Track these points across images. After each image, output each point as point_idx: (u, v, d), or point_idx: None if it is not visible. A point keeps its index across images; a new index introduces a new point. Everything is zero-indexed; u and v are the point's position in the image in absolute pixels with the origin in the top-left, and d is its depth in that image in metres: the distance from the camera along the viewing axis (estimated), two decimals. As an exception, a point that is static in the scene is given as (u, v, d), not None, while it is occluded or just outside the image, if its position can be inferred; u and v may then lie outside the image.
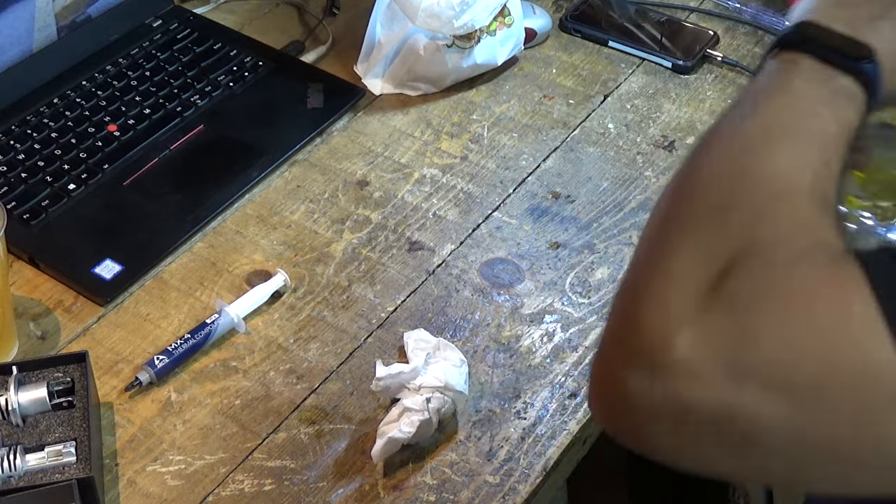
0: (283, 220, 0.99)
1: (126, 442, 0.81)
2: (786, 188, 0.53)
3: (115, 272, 0.92)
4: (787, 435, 0.48)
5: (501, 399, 0.84)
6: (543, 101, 1.13)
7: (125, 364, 0.86)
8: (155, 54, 1.13)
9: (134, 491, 0.78)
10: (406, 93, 1.12)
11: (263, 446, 0.81)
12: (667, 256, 0.52)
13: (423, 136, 1.08)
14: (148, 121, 1.06)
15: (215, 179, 1.01)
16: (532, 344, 0.89)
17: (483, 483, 0.79)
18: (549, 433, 0.82)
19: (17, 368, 0.80)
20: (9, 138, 1.03)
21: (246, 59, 1.14)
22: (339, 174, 1.04)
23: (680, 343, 0.48)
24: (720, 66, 1.17)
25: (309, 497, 0.78)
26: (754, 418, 0.48)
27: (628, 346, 0.51)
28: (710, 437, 0.49)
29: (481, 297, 0.92)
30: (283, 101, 1.10)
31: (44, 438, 0.77)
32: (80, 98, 1.08)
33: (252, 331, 0.89)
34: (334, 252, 0.96)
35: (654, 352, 0.49)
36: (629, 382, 0.50)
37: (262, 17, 1.25)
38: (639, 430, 0.52)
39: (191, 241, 0.96)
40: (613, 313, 0.54)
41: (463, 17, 1.05)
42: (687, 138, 1.08)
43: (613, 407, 0.53)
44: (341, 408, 0.84)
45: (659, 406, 0.49)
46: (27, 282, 0.93)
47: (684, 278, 0.51)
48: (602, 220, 0.99)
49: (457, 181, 1.03)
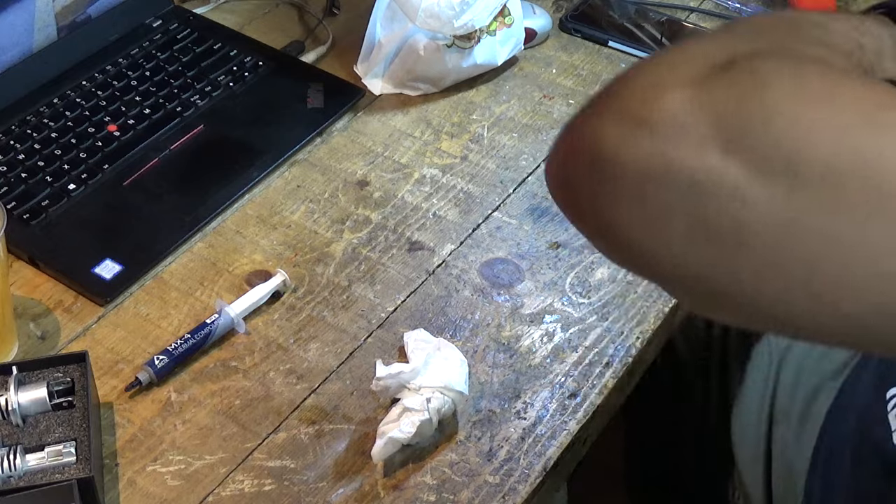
0: (283, 220, 0.99)
1: (126, 442, 0.81)
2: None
3: (115, 272, 0.92)
4: (774, 220, 0.42)
5: (501, 399, 0.84)
6: (543, 101, 1.13)
7: (125, 364, 0.86)
8: (155, 54, 1.13)
9: (134, 491, 0.78)
10: (406, 93, 1.12)
11: (263, 446, 0.81)
12: (691, 43, 0.47)
13: (423, 136, 1.08)
14: (148, 121, 1.06)
15: (215, 179, 1.01)
16: (532, 344, 0.89)
17: (483, 483, 0.79)
18: (549, 433, 0.82)
19: (17, 368, 0.80)
20: (9, 138, 1.03)
21: (246, 59, 1.14)
22: (339, 174, 1.04)
23: (676, 98, 0.43)
24: (720, 66, 1.17)
25: (309, 497, 0.78)
26: (742, 196, 0.42)
27: (614, 100, 0.45)
28: (682, 212, 0.43)
29: (481, 297, 0.92)
30: (283, 101, 1.10)
31: (44, 438, 0.77)
32: (80, 98, 1.08)
33: (252, 331, 0.89)
34: (334, 252, 0.96)
35: (643, 104, 0.43)
36: (605, 135, 0.44)
37: (262, 17, 1.25)
38: (600, 195, 0.45)
39: (191, 241, 0.96)
40: (610, 80, 0.48)
41: (463, 17, 1.05)
42: (687, 138, 1.08)
43: (578, 164, 0.45)
44: (341, 408, 0.84)
45: (633, 164, 0.43)
46: (27, 282, 0.93)
47: (699, 53, 0.45)
48: (602, 220, 0.99)
49: (457, 181, 1.03)
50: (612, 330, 0.90)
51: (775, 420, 1.03)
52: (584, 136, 0.45)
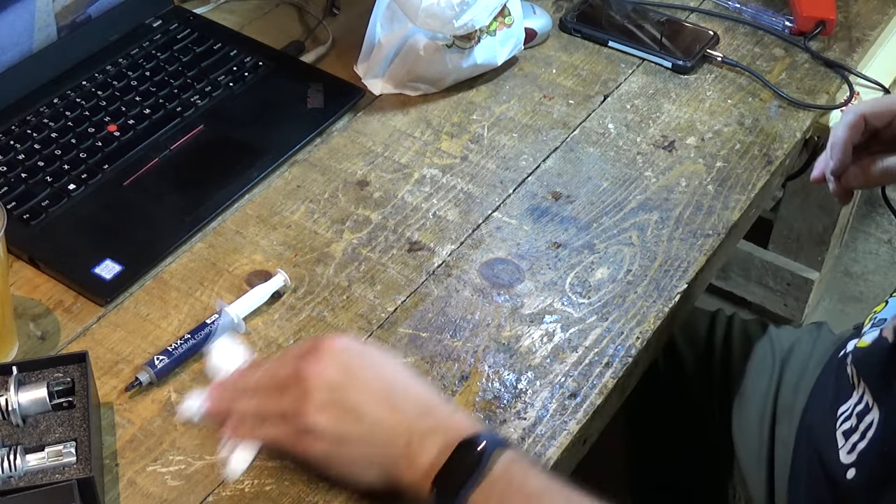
0: (283, 220, 0.99)
1: (126, 442, 0.81)
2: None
3: (115, 272, 0.92)
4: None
5: (501, 399, 0.84)
6: (543, 101, 1.13)
7: (125, 364, 0.86)
8: (155, 54, 1.13)
9: (134, 491, 0.78)
10: (406, 93, 1.12)
11: (263, 446, 0.81)
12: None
13: (423, 137, 1.08)
14: (148, 121, 1.06)
15: (215, 179, 1.01)
16: (532, 344, 0.89)
17: (483, 483, 0.79)
18: (549, 433, 0.82)
19: (17, 368, 0.80)
20: (9, 138, 1.03)
21: (246, 59, 1.14)
22: (339, 174, 1.04)
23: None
24: (720, 66, 1.18)
25: (309, 497, 0.78)
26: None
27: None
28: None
29: (481, 297, 0.92)
30: (283, 102, 1.10)
31: (44, 439, 0.77)
32: (80, 98, 1.08)
33: (252, 331, 0.89)
34: (334, 252, 0.96)
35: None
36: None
37: (262, 17, 1.25)
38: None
39: (191, 242, 0.96)
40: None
41: (463, 17, 1.05)
42: (687, 138, 1.08)
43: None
44: (341, 408, 0.83)
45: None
46: (27, 282, 0.93)
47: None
48: (602, 220, 0.99)
49: (457, 181, 1.03)
50: (612, 330, 0.90)
51: (778, 419, 1.03)
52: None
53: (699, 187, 1.03)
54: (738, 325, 1.16)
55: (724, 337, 1.15)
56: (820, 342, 1.08)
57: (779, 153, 1.07)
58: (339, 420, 0.72)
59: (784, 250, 1.81)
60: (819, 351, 1.07)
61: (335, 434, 0.72)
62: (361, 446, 0.72)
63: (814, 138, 1.16)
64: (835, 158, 0.95)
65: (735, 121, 1.11)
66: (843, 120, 0.96)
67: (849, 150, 0.95)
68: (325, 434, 0.72)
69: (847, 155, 0.95)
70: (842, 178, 0.97)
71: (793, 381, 1.05)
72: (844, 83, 1.16)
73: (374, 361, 0.75)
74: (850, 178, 0.97)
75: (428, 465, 0.70)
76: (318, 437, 0.72)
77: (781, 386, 1.05)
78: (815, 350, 1.07)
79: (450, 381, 0.85)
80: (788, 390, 1.04)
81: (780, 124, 1.11)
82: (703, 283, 1.00)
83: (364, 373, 0.74)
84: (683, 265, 0.96)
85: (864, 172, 0.96)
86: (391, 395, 0.73)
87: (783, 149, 1.08)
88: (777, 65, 1.19)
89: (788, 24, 1.23)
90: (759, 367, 1.09)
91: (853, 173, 0.96)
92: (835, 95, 1.16)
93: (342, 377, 0.73)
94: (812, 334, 1.11)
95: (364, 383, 0.73)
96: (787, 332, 1.13)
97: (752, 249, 1.83)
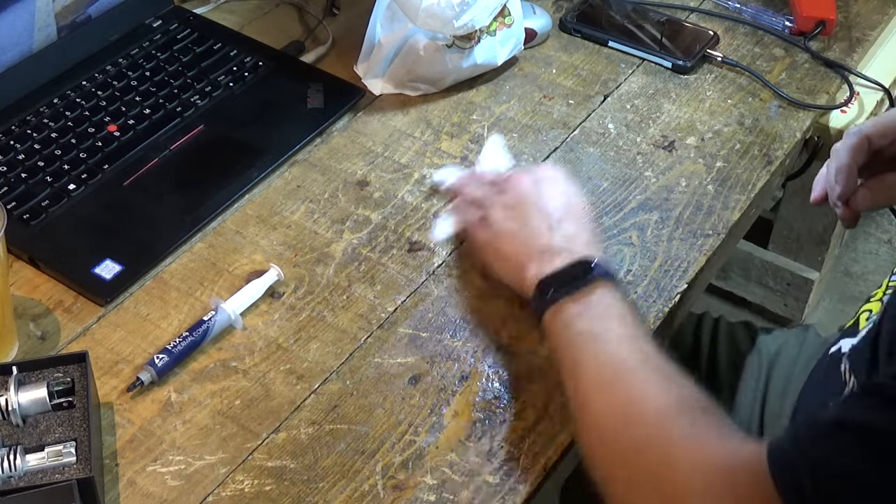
0: (283, 220, 0.99)
1: (126, 442, 0.81)
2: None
3: (115, 272, 0.92)
4: None
5: (501, 399, 0.84)
6: (543, 101, 1.13)
7: (125, 364, 0.86)
8: (155, 54, 1.13)
9: (134, 491, 0.78)
10: (406, 93, 1.12)
11: (263, 446, 0.81)
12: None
13: (423, 137, 1.08)
14: (148, 121, 1.06)
15: (215, 179, 1.01)
16: (532, 344, 0.89)
17: (483, 483, 0.79)
18: (550, 433, 0.82)
19: (17, 368, 0.80)
20: (9, 138, 1.03)
21: (246, 59, 1.14)
22: (339, 174, 1.04)
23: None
24: (720, 66, 1.18)
25: (309, 497, 0.78)
26: None
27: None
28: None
29: (481, 297, 0.92)
30: (283, 101, 1.10)
31: (44, 439, 0.77)
32: (80, 98, 1.08)
33: (252, 331, 0.89)
34: (334, 252, 0.96)
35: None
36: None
37: (262, 17, 1.25)
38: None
39: (191, 242, 0.96)
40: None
41: (463, 18, 1.05)
42: (687, 138, 1.08)
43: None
44: (341, 408, 0.84)
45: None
46: (27, 282, 0.93)
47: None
48: (602, 220, 0.99)
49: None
50: (612, 330, 0.90)
51: (766, 427, 1.03)
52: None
53: (699, 187, 1.03)
54: (724, 328, 1.15)
55: (711, 341, 1.14)
56: (807, 345, 1.08)
57: (779, 153, 1.07)
58: (508, 219, 0.90)
59: (784, 250, 1.81)
60: (806, 355, 1.06)
61: (499, 228, 0.90)
62: (513, 244, 0.88)
63: (814, 138, 1.16)
64: (841, 184, 0.92)
65: (735, 121, 1.11)
66: (845, 142, 0.93)
67: (855, 174, 0.93)
68: (493, 225, 0.90)
69: (854, 179, 0.93)
70: (850, 201, 0.94)
71: (780, 388, 1.04)
72: (844, 83, 1.16)
73: (563, 191, 0.92)
74: (858, 201, 0.94)
75: (546, 273, 0.83)
76: (487, 226, 0.91)
77: (769, 394, 1.05)
78: (801, 354, 1.07)
79: (450, 381, 0.85)
80: (776, 397, 1.04)
81: (780, 124, 1.11)
82: (703, 283, 1.00)
83: (549, 195, 0.90)
84: (683, 265, 0.96)
85: (872, 195, 0.94)
86: (556, 218, 0.88)
87: (783, 149, 1.08)
88: (777, 65, 1.19)
89: (788, 24, 1.23)
90: (746, 377, 1.08)
91: (862, 196, 0.93)
92: (835, 95, 1.16)
93: (531, 192, 0.91)
94: (798, 338, 1.10)
95: (543, 202, 0.90)
96: (774, 337, 1.11)
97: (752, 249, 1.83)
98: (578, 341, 0.79)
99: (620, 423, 0.74)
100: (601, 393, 0.76)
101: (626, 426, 0.74)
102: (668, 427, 0.72)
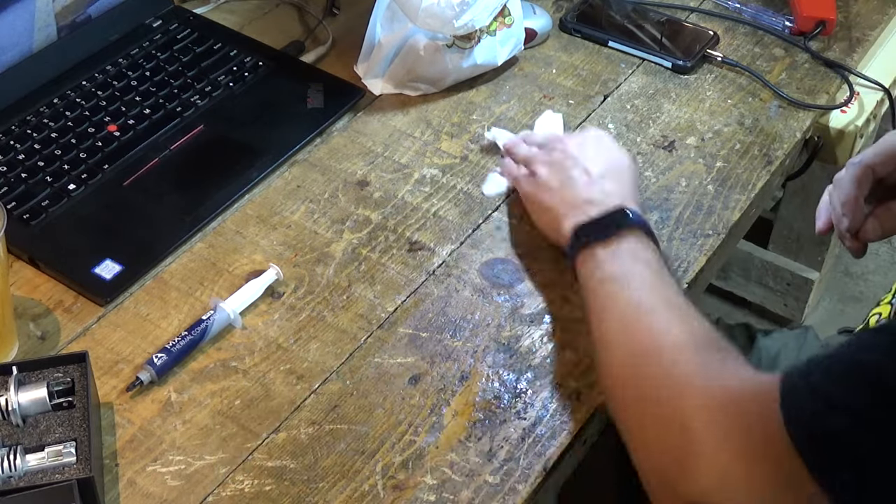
0: (283, 220, 0.99)
1: (126, 442, 0.81)
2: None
3: (115, 272, 0.92)
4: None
5: (501, 399, 0.85)
6: (543, 101, 1.13)
7: (125, 364, 0.86)
8: (155, 54, 1.13)
9: (134, 491, 0.78)
10: (406, 93, 1.12)
11: (263, 446, 0.81)
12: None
13: (423, 136, 1.08)
14: (148, 121, 1.06)
15: (215, 179, 1.01)
16: (532, 344, 0.89)
17: (483, 483, 0.79)
18: (549, 433, 0.82)
19: (17, 368, 0.80)
20: (9, 138, 1.03)
21: (246, 59, 1.14)
22: (339, 174, 1.04)
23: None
24: (720, 66, 1.18)
25: (309, 497, 0.78)
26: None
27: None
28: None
29: (481, 297, 0.92)
30: (283, 101, 1.10)
31: (44, 439, 0.77)
32: (80, 98, 1.08)
33: (252, 331, 0.89)
34: (334, 252, 0.96)
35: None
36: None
37: (262, 17, 1.25)
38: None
39: (191, 242, 0.96)
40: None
41: (463, 17, 1.05)
42: (687, 138, 1.08)
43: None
44: (341, 408, 0.84)
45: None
46: (27, 282, 0.93)
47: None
48: (602, 220, 0.99)
49: (457, 181, 1.03)
50: (612, 330, 0.90)
51: None
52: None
53: (699, 187, 1.03)
54: (722, 330, 1.15)
55: None
56: (806, 348, 1.08)
57: (779, 153, 1.07)
58: (552, 175, 0.94)
59: (784, 250, 1.81)
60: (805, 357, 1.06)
61: (543, 182, 0.95)
62: (553, 197, 0.93)
63: (814, 138, 1.16)
64: (849, 216, 0.93)
65: (735, 121, 1.11)
66: (848, 173, 0.93)
67: (861, 205, 0.93)
68: (538, 180, 0.95)
69: (861, 211, 0.93)
70: (859, 233, 0.94)
71: None
72: (844, 83, 1.16)
73: (608, 150, 0.96)
74: (868, 232, 0.94)
75: (581, 221, 0.88)
76: (533, 180, 0.96)
77: None
78: (800, 356, 1.07)
79: (450, 381, 0.85)
80: None
81: (780, 124, 1.11)
82: (703, 283, 1.00)
83: (593, 154, 0.95)
84: (683, 265, 0.96)
85: (881, 225, 0.94)
86: (597, 174, 0.92)
87: (783, 149, 1.08)
88: (777, 65, 1.19)
89: (788, 24, 1.23)
90: None
91: (872, 227, 0.94)
92: (835, 95, 1.16)
93: (576, 150, 0.95)
94: (798, 340, 1.10)
95: (586, 160, 0.94)
96: (773, 339, 1.11)
97: (752, 249, 1.83)
98: (606, 285, 0.82)
99: (640, 361, 0.76)
100: (623, 333, 0.79)
101: (645, 365, 0.76)
102: (682, 362, 0.74)
